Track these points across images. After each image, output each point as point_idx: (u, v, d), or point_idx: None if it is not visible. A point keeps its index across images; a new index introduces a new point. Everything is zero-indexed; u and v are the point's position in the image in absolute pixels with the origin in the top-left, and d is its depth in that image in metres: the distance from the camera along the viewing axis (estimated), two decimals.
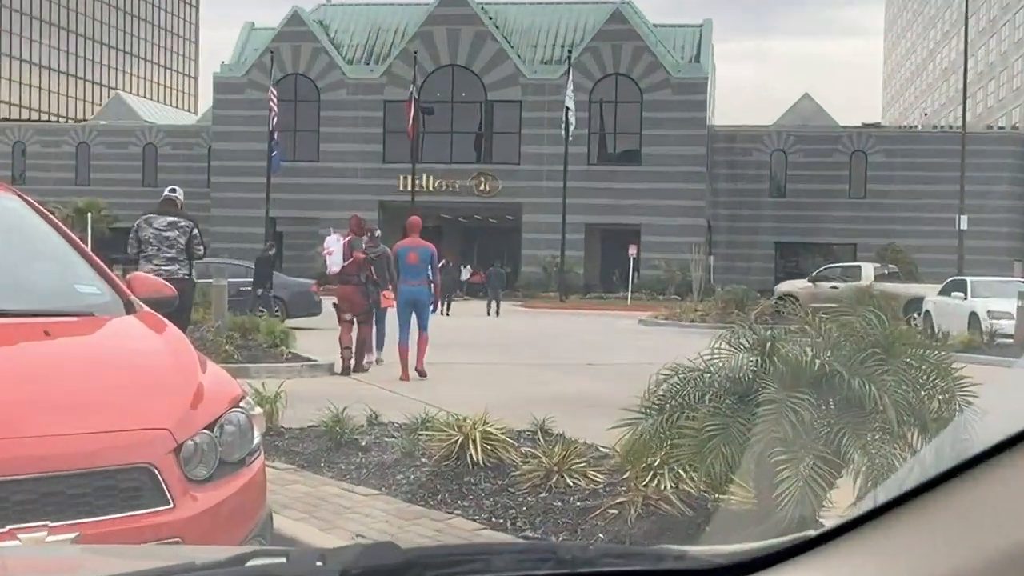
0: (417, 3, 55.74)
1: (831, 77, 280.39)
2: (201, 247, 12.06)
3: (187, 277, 11.59)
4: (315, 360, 14.72)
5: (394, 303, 14.45)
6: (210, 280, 17.07)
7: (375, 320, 15.18)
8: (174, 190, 12.55)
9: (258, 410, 3.90)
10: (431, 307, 14.83)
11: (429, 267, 14.22)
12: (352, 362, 14.42)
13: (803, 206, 53.67)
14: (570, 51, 49.18)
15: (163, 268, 11.10)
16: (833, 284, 31.01)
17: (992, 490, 0.81)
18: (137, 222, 12.02)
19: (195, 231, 11.89)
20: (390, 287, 14.67)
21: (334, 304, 15.00)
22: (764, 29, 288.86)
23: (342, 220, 18.35)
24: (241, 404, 3.70)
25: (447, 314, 34.76)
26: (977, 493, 0.82)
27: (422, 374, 13.99)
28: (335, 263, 14.70)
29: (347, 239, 14.78)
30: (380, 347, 15.57)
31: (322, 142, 52.96)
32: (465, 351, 18.54)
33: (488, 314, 35.37)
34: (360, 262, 14.49)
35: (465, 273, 45.18)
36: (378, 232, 16.45)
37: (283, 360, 14.28)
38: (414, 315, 14.10)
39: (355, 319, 14.45)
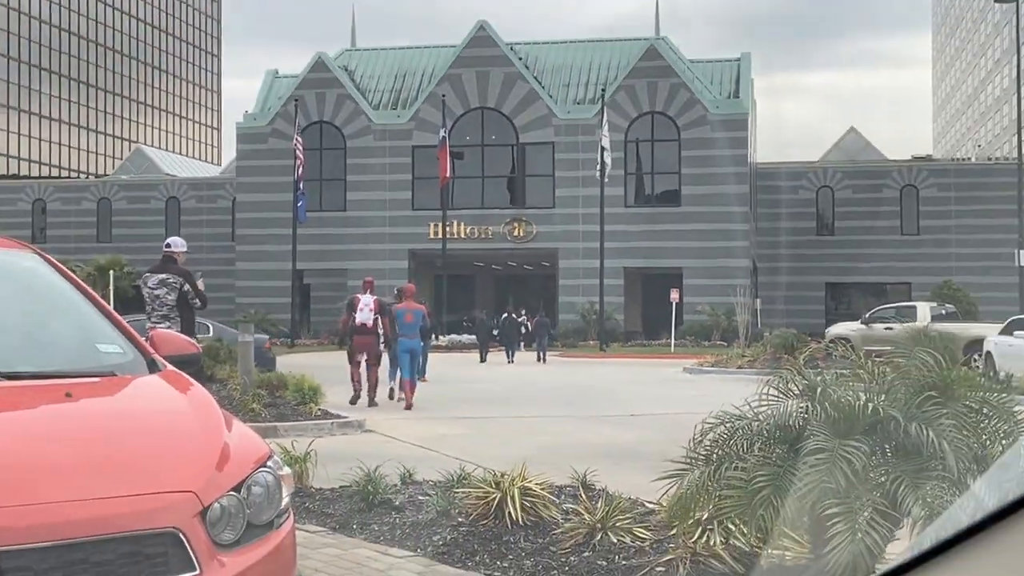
0: (443, 46, 56.32)
1: (877, 110, 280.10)
2: (197, 300, 11.96)
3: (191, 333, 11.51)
4: (345, 417, 14.73)
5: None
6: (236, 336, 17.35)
7: (416, 362, 18.31)
8: (168, 245, 12.49)
9: (287, 470, 3.91)
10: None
11: (422, 323, 18.18)
12: (363, 394, 17.55)
13: (853, 244, 53.39)
14: (603, 90, 49.26)
15: (157, 327, 11.09)
16: (887, 325, 30.78)
17: None
18: (140, 281, 12.15)
19: (185, 287, 11.82)
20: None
21: (349, 350, 18.01)
22: (805, 63, 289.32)
23: (371, 270, 21.13)
24: (269, 464, 3.71)
25: (484, 361, 34.97)
26: None
27: (409, 406, 17.12)
28: (368, 316, 17.58)
29: (376, 299, 17.90)
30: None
31: (349, 190, 53.35)
32: (502, 405, 18.52)
33: (539, 361, 35.99)
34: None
35: (524, 322, 44.23)
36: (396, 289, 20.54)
37: (312, 418, 14.27)
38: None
39: (368, 360, 17.65)
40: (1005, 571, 0.83)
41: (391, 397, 18.08)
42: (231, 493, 3.41)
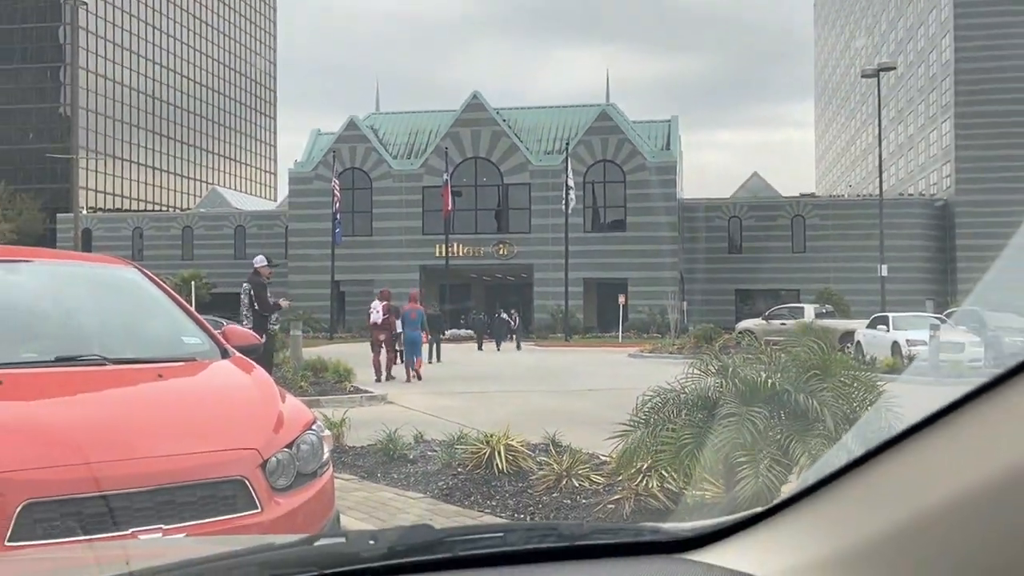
0: (445, 110, 56.27)
1: (774, 159, 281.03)
2: (256, 304, 11.51)
3: (262, 330, 11.13)
4: (371, 392, 14.70)
5: (426, 339, 19.73)
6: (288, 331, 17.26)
7: (421, 347, 18.94)
8: (254, 262, 12.26)
9: (327, 432, 3.89)
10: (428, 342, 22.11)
11: (420, 321, 18.70)
12: (384, 374, 17.99)
13: (756, 260, 53.56)
14: (567, 143, 49.37)
15: (243, 323, 11.05)
16: (782, 321, 30.85)
17: (898, 470, 0.81)
18: None
19: (251, 292, 11.59)
20: (425, 330, 19.31)
21: (371, 340, 18.70)
22: (720, 123, 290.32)
23: (391, 281, 21.61)
24: (313, 427, 3.70)
25: (480, 349, 34.97)
26: (891, 471, 0.82)
27: (419, 378, 17.95)
28: (377, 316, 18.32)
29: (384, 303, 18.41)
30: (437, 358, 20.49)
31: (374, 220, 53.24)
32: (492, 381, 18.50)
33: (519, 349, 35.70)
34: (391, 319, 18.48)
35: (514, 320, 43.76)
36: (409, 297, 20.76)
37: (346, 393, 14.24)
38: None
39: (384, 348, 18.29)
40: (867, 502, 0.84)
41: (408, 380, 18.04)
42: (285, 449, 3.40)
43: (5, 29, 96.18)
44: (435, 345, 25.53)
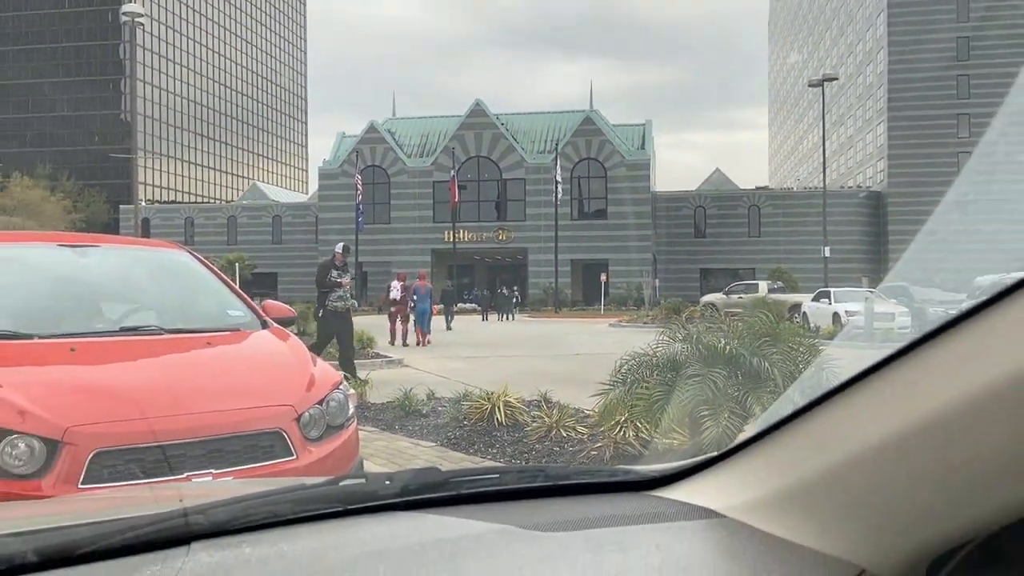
0: (453, 115, 55.97)
1: (734, 156, 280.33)
2: (317, 286, 10.90)
3: (320, 306, 10.61)
4: (390, 357, 14.72)
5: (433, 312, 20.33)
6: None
7: (426, 319, 19.27)
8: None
9: (352, 391, 3.90)
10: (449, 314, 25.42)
11: (429, 296, 19.34)
12: (400, 340, 18.57)
13: (717, 243, 53.55)
14: (557, 144, 49.22)
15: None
16: (740, 295, 30.84)
17: (835, 418, 0.82)
18: None
19: (317, 275, 10.95)
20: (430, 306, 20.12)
21: (390, 312, 19.33)
22: (688, 125, 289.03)
23: (406, 262, 22.30)
24: (340, 387, 3.70)
25: (486, 320, 35.01)
26: (826, 420, 0.83)
27: (421, 344, 18.26)
28: (396, 294, 19.07)
29: (402, 283, 19.28)
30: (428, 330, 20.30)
31: (392, 210, 53.11)
32: (493, 347, 18.52)
33: (512, 320, 35.63)
34: (406, 295, 19.21)
35: (514, 295, 43.29)
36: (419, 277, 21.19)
37: (369, 357, 14.24)
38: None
39: (401, 319, 18.91)
40: (808, 447, 0.84)
41: (418, 344, 18.33)
42: (316, 406, 3.41)
43: (73, 47, 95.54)
44: (449, 316, 26.41)
